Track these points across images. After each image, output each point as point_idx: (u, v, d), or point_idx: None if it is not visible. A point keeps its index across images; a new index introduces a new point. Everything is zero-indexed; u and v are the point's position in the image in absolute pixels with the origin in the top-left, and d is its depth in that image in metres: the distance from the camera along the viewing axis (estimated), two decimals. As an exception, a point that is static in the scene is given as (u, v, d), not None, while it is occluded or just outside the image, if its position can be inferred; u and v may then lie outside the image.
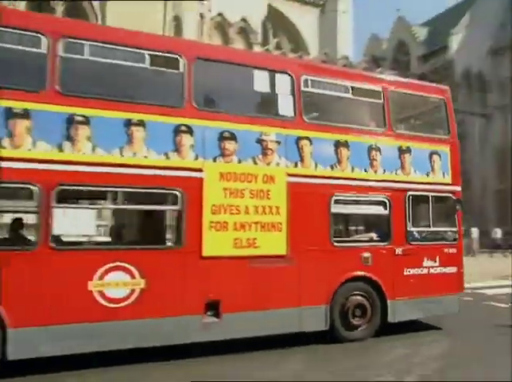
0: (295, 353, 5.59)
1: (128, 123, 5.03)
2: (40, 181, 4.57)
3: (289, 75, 6.04)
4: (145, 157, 5.08)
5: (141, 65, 5.21)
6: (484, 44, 33.53)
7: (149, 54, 5.24)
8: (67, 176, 4.74)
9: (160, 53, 5.38)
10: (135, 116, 5.06)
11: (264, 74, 6.00)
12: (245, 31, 26.05)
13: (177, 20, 20.25)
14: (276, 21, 37.83)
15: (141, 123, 5.08)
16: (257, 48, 26.40)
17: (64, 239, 5.21)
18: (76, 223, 5.28)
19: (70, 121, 4.77)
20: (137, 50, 5.25)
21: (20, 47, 4.75)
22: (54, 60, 4.75)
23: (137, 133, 5.07)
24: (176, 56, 5.31)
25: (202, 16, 21.97)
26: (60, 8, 18.82)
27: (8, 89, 4.54)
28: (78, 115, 4.80)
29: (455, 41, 32.82)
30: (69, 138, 4.76)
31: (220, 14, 24.80)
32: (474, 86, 33.30)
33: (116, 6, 15.51)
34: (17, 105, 4.53)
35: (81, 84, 5.08)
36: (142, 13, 16.79)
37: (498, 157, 32.38)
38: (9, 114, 4.50)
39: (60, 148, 4.71)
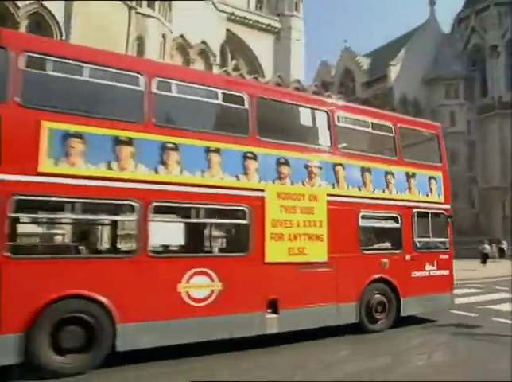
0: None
1: (207, 150, 5.76)
2: (139, 198, 5.23)
3: (326, 112, 7.04)
4: (221, 178, 5.84)
5: (215, 102, 6.06)
6: (418, 75, 35.19)
7: (222, 93, 6.03)
8: (160, 194, 5.41)
9: (231, 92, 6.16)
10: (213, 144, 5.81)
11: (308, 111, 7.07)
12: (205, 53, 26.56)
13: (140, 39, 20.49)
14: (234, 44, 38.54)
15: (217, 150, 5.82)
16: (215, 69, 26.92)
17: (159, 247, 5.73)
18: (168, 234, 5.81)
19: (163, 148, 5.44)
20: (213, 89, 6.03)
21: (124, 85, 5.42)
22: (150, 97, 5.43)
23: (215, 158, 5.81)
24: (243, 95, 6.14)
25: (164, 37, 22.32)
26: (24, 22, 18.60)
27: (115, 120, 5.21)
28: (169, 143, 5.50)
29: (393, 71, 34.24)
30: (162, 162, 5.44)
31: (182, 36, 25.19)
32: (410, 111, 34.55)
33: (80, 24, 15.61)
34: (123, 134, 5.20)
35: (171, 117, 5.80)
36: (106, 31, 16.98)
37: None
38: (117, 141, 5.14)
39: (156, 170, 5.40)
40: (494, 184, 32.68)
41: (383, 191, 7.47)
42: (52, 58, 5.00)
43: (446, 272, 8.25)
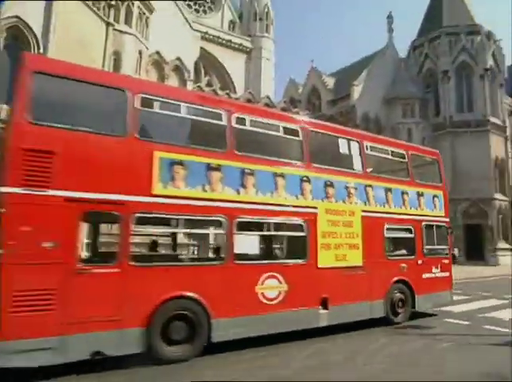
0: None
1: (275, 175, 6.78)
2: (226, 214, 6.13)
3: (358, 142, 8.23)
4: (285, 198, 6.85)
5: (279, 134, 7.12)
6: (379, 94, 36.04)
7: (283, 127, 7.14)
8: (241, 211, 6.34)
9: (289, 126, 7.27)
10: (278, 170, 6.86)
11: (343, 141, 8.09)
12: (179, 69, 26.60)
13: (117, 54, 20.37)
14: (208, 62, 38.75)
15: (282, 175, 6.87)
16: (189, 85, 27.00)
17: (241, 256, 6.38)
18: (247, 244, 6.62)
19: (243, 173, 6.42)
20: (277, 123, 7.17)
21: (212, 120, 6.42)
22: (231, 130, 6.41)
23: (280, 181, 6.83)
24: (298, 129, 7.29)
25: (140, 53, 22.27)
26: (2, 35, 18.12)
27: (207, 150, 6.18)
28: (247, 169, 6.47)
29: (356, 91, 34.96)
30: (242, 184, 6.40)
31: (158, 52, 25.19)
32: (371, 128, 35.21)
33: (58, 37, 15.41)
34: (213, 161, 6.14)
35: (247, 147, 6.56)
36: (84, 45, 16.83)
37: None
38: (209, 168, 6.06)
39: (238, 191, 6.35)
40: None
41: (400, 207, 8.72)
42: (160, 99, 5.97)
43: (447, 274, 9.54)
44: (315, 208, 7.20)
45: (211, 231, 6.75)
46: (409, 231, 8.87)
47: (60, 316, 4.69)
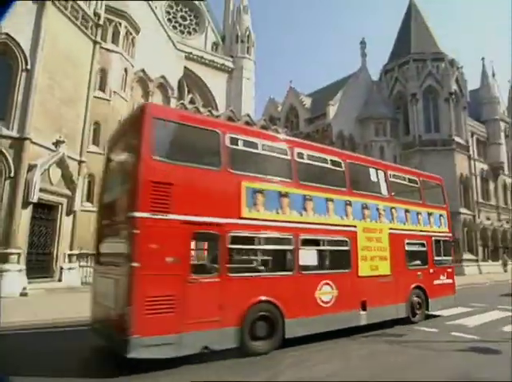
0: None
1: (326, 199, 7.95)
2: (293, 233, 7.21)
3: (384, 171, 9.56)
4: (334, 219, 8.02)
5: (327, 166, 8.29)
6: (353, 114, 36.79)
7: (330, 160, 8.38)
8: (303, 230, 7.39)
9: (334, 159, 8.49)
10: (329, 196, 8.02)
11: (373, 170, 9.45)
12: (163, 86, 26.71)
13: (103, 71, 20.33)
14: (191, 80, 38.98)
15: (331, 199, 8.02)
16: (173, 102, 27.10)
17: (304, 267, 7.36)
18: (307, 258, 7.58)
19: (304, 199, 7.53)
20: (326, 157, 8.34)
21: (281, 155, 7.52)
22: (294, 163, 7.60)
23: (330, 205, 7.98)
24: (341, 161, 8.50)
25: (126, 70, 22.28)
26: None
27: (279, 181, 7.29)
28: (307, 195, 7.60)
29: (332, 110, 35.58)
30: (304, 208, 7.49)
31: (143, 70, 25.26)
32: (346, 145, 35.90)
33: (46, 54, 15.27)
34: (283, 189, 7.26)
35: (306, 177, 7.73)
36: (71, 63, 16.74)
37: None
38: (280, 194, 7.19)
39: (301, 214, 7.44)
40: (416, 210, 34.75)
41: (416, 225, 10.02)
42: (242, 137, 6.99)
43: (451, 281, 10.90)
44: (355, 226, 8.41)
45: (283, 246, 7.48)
46: (423, 245, 10.23)
47: (179, 317, 5.61)
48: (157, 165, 5.80)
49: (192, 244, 6.22)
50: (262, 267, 7.29)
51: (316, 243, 8.03)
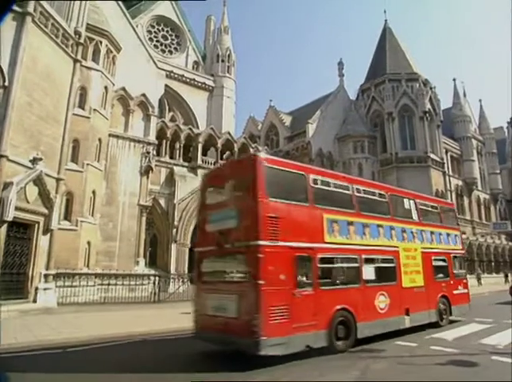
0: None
1: (378, 226, 9.73)
2: (357, 253, 8.95)
3: (413, 200, 11.57)
4: (383, 241, 9.83)
5: (375, 198, 10.17)
6: (332, 132, 37.60)
7: (378, 193, 10.32)
8: (364, 251, 9.11)
9: (380, 192, 10.46)
10: (380, 222, 9.82)
11: (406, 200, 11.43)
12: (144, 104, 26.65)
13: (83, 89, 20.19)
14: (172, 98, 39.11)
15: (381, 226, 9.85)
16: (154, 120, 27.05)
17: (366, 280, 9.04)
18: (368, 273, 9.19)
19: (363, 226, 9.30)
20: (373, 190, 10.30)
21: (345, 191, 9.28)
22: (354, 197, 9.37)
23: (381, 230, 9.79)
24: (385, 193, 10.55)
25: (106, 88, 22.19)
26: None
27: (346, 212, 9.01)
28: (365, 223, 9.35)
29: (311, 128, 36.20)
30: (364, 233, 9.28)
31: (123, 88, 25.20)
32: (325, 163, 36.59)
33: (25, 71, 15.13)
34: (350, 219, 9.02)
35: (363, 208, 9.47)
36: (51, 80, 16.62)
37: None
38: (348, 223, 8.92)
39: (362, 238, 9.22)
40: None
41: (439, 244, 12.03)
42: (319, 178, 8.73)
43: (466, 290, 12.87)
44: (397, 247, 10.22)
45: (352, 264, 9.02)
46: (445, 260, 12.14)
47: (289, 322, 7.07)
48: (269, 203, 7.34)
49: (295, 265, 7.56)
50: (339, 281, 8.68)
51: (372, 261, 9.55)
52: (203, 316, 8.02)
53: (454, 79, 47.35)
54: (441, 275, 11.79)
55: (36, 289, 14.99)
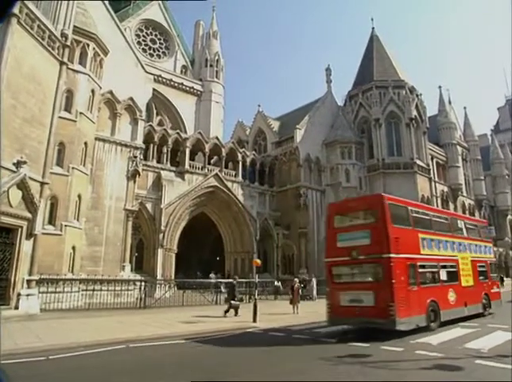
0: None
1: (446, 241, 13.42)
2: (437, 261, 12.68)
3: (463, 221, 16.21)
4: (450, 252, 13.50)
5: (443, 221, 14.12)
6: (319, 138, 37.69)
7: (443, 217, 14.53)
8: (440, 260, 12.88)
9: (445, 216, 15.02)
10: (447, 239, 13.47)
11: (459, 221, 16.11)
12: (131, 108, 26.49)
13: (69, 92, 19.99)
14: (160, 102, 38.98)
15: (448, 241, 13.56)
16: (141, 124, 26.90)
17: (443, 280, 12.73)
18: (443, 275, 12.87)
19: (438, 241, 12.97)
20: (440, 214, 14.67)
21: (424, 216, 13.09)
22: (432, 221, 13.23)
23: (448, 244, 13.51)
24: (447, 217, 15.07)
25: (93, 91, 22.00)
26: None
27: (433, 232, 12.89)
28: (439, 239, 13.09)
29: (299, 134, 36.12)
30: (438, 247, 12.91)
31: (110, 92, 25.03)
32: (313, 168, 36.62)
33: (10, 73, 14.92)
34: (437, 238, 12.94)
35: (437, 228, 13.25)
36: (36, 82, 16.41)
37: None
38: (431, 240, 12.62)
39: (438, 250, 12.90)
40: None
41: (481, 254, 15.85)
42: (414, 209, 12.74)
43: (498, 290, 16.60)
44: (457, 256, 13.91)
45: (434, 269, 12.64)
46: (484, 266, 15.73)
47: (407, 308, 10.60)
48: (393, 228, 11.00)
49: (407, 270, 11.05)
50: (429, 281, 12.26)
51: (445, 266, 13.16)
52: (338, 307, 11.46)
53: (440, 87, 48.28)
54: (482, 277, 15.33)
55: (19, 295, 14.69)
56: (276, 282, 27.53)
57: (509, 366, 6.74)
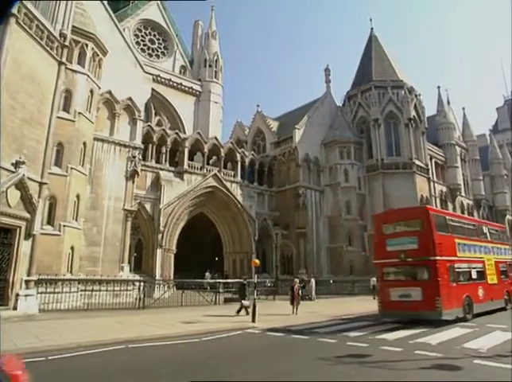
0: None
1: (474, 246, 15.81)
2: (469, 262, 15.11)
3: (487, 226, 18.37)
4: (478, 254, 15.85)
5: (470, 227, 16.63)
6: (318, 138, 37.78)
7: (472, 224, 17.39)
8: (472, 261, 15.32)
9: (474, 223, 18.11)
10: (474, 243, 16.00)
11: (484, 226, 18.17)
12: (130, 108, 26.45)
13: (68, 92, 19.97)
14: (158, 102, 38.94)
15: (476, 245, 15.93)
16: (140, 124, 26.87)
17: (474, 279, 15.09)
18: (473, 274, 15.21)
19: (470, 246, 15.52)
20: (470, 222, 17.75)
21: (459, 224, 15.99)
22: (464, 228, 15.98)
23: (476, 248, 15.91)
24: (475, 224, 18.09)
25: (92, 91, 21.98)
26: None
27: (467, 237, 15.55)
28: (471, 244, 15.63)
29: (298, 134, 36.20)
30: (470, 250, 15.46)
31: (109, 92, 25.00)
32: (312, 168, 36.75)
33: (9, 73, 14.91)
34: (470, 243, 15.63)
35: (469, 234, 15.87)
36: (35, 82, 16.41)
37: (329, 222, 36.08)
38: (464, 244, 15.15)
39: (470, 252, 15.34)
40: (380, 231, 35.57)
41: (501, 255, 17.66)
42: (449, 217, 15.51)
43: None
44: (483, 258, 16.02)
45: (467, 269, 14.87)
46: (505, 266, 17.62)
47: (449, 301, 12.75)
48: (437, 234, 13.38)
49: (448, 270, 13.34)
50: (463, 279, 14.24)
51: (475, 267, 15.26)
52: (388, 301, 13.69)
53: (438, 87, 48.37)
54: (504, 276, 17.34)
55: (17, 295, 14.68)
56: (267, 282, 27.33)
57: (507, 366, 6.76)
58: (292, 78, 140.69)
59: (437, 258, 12.84)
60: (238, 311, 15.49)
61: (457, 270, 13.87)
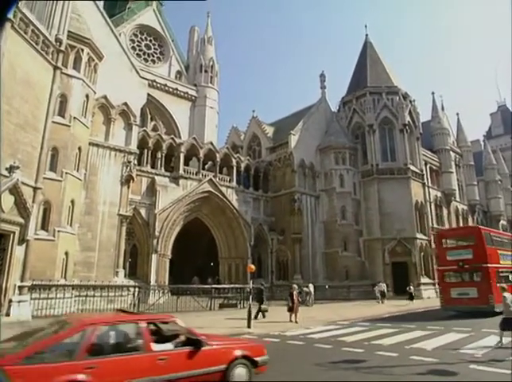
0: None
1: (505, 254, 19.97)
2: (505, 269, 19.25)
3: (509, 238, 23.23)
4: (508, 262, 20.07)
5: (502, 240, 21.16)
6: (314, 143, 37.89)
7: (506, 237, 22.50)
8: (506, 267, 19.20)
9: (507, 237, 23.05)
10: (505, 252, 19.84)
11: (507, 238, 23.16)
12: (125, 113, 26.42)
13: (63, 97, 19.92)
14: (154, 107, 38.94)
15: (505, 254, 19.97)
16: (135, 129, 26.85)
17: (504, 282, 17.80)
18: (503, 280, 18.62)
19: (505, 255, 19.81)
20: (502, 236, 22.60)
21: (497, 238, 20.92)
22: (494, 240, 20.04)
23: (507, 256, 19.94)
24: (506, 237, 23.04)
25: (87, 96, 21.95)
26: None
27: (499, 248, 19.97)
28: (503, 253, 19.62)
29: (293, 139, 36.25)
30: (505, 259, 19.62)
31: (105, 97, 24.98)
32: (307, 173, 36.75)
33: (4, 77, 14.87)
34: (503, 252, 20.03)
35: (502, 244, 20.83)
36: (30, 87, 16.38)
37: (324, 228, 36.09)
38: (502, 254, 19.71)
39: (505, 260, 19.54)
40: (375, 236, 35.78)
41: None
42: (492, 234, 20.58)
43: None
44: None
45: (508, 273, 18.14)
46: None
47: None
48: (487, 247, 17.86)
49: (495, 274, 17.35)
50: (504, 281, 16.43)
51: (507, 272, 18.56)
52: (449, 298, 17.94)
53: (433, 93, 48.75)
54: None
55: (10, 301, 14.54)
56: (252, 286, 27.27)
57: (502, 370, 6.78)
58: (287, 83, 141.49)
59: (489, 265, 17.41)
60: (256, 315, 15.65)
61: (501, 274, 18.19)
